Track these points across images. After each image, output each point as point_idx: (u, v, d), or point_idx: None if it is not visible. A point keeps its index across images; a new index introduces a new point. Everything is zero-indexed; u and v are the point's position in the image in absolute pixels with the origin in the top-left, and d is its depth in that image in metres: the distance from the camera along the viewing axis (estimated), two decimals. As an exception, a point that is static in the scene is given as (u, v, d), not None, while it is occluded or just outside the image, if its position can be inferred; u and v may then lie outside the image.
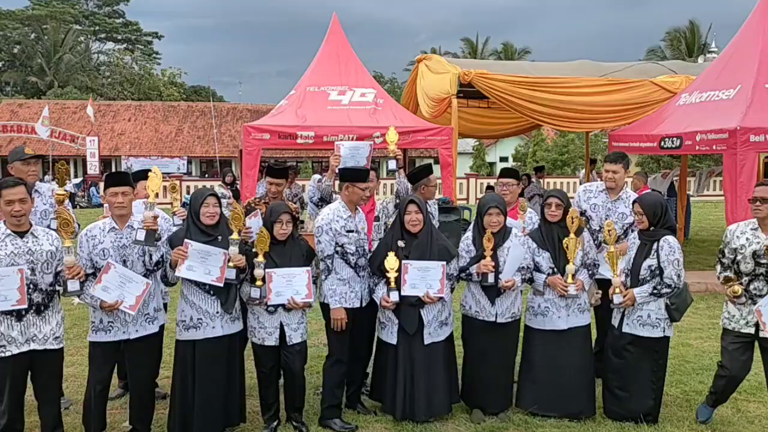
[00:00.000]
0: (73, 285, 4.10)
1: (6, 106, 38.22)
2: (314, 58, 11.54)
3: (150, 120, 38.95)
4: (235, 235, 4.36)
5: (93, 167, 29.01)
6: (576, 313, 4.91)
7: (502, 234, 4.81)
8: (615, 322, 4.86)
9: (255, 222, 5.07)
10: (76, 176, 33.06)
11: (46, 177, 29.53)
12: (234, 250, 4.36)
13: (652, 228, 4.69)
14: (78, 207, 24.17)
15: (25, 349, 4.06)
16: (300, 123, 10.25)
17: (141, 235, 4.23)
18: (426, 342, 4.76)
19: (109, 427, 4.69)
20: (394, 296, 4.67)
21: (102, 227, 4.38)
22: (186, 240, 4.33)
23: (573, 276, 4.82)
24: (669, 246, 4.62)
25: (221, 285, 4.38)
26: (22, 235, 4.05)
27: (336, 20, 11.71)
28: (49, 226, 4.78)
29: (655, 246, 4.65)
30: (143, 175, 5.04)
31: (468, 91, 12.30)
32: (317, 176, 12.31)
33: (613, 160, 5.59)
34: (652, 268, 4.64)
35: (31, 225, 4.15)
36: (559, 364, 4.89)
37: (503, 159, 46.24)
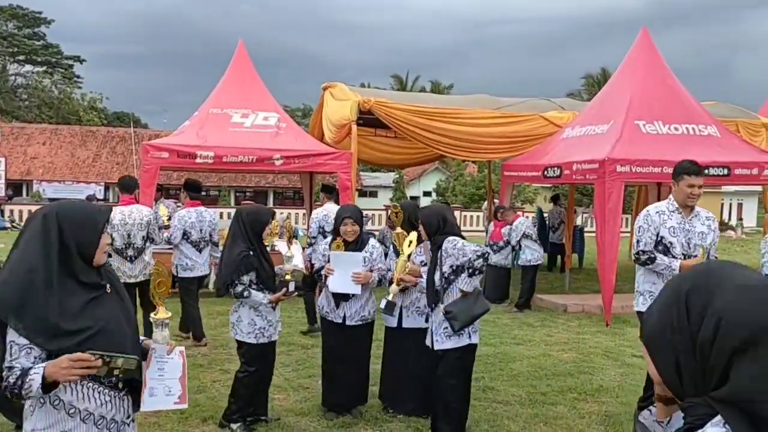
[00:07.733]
0: None
1: None
2: (219, 83, 11.75)
3: (66, 144, 38.00)
4: None
5: (-1, 189, 28.10)
6: (414, 315, 5.24)
7: (357, 242, 5.17)
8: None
9: None
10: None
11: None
12: None
13: (432, 238, 4.64)
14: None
15: None
16: (200, 143, 10.38)
17: None
18: None
19: None
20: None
21: None
22: None
23: (404, 267, 4.90)
24: (449, 243, 4.49)
25: None
26: None
27: (242, 46, 11.97)
28: None
29: (439, 253, 4.53)
30: None
31: (375, 121, 12.68)
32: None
33: (698, 172, 4.72)
34: (446, 274, 4.46)
35: None
36: (398, 363, 5.26)
37: (426, 193, 47.25)
